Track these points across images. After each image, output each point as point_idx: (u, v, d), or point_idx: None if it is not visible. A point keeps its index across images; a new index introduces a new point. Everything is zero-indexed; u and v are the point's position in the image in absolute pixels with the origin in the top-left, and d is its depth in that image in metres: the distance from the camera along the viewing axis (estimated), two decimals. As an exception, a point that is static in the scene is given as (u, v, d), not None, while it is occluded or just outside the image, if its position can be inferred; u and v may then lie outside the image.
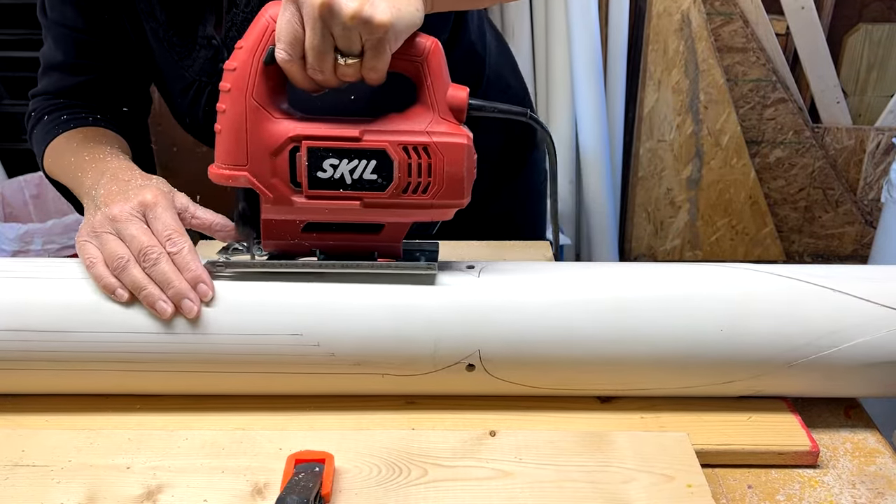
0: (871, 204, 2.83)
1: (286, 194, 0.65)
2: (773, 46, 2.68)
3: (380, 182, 0.64)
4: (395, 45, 0.61)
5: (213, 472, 0.61)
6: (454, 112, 0.65)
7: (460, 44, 0.97)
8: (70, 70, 0.91)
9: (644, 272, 0.69)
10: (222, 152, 0.64)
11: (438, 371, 0.67)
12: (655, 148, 2.80)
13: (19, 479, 0.60)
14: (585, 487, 0.59)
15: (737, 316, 0.66)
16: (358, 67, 0.62)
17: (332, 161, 0.64)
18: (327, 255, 0.68)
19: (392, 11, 0.59)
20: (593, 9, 2.54)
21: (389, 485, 0.59)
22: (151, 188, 0.70)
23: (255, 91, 0.62)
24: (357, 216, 0.66)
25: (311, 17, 0.58)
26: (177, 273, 0.65)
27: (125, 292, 0.65)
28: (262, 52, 0.62)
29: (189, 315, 0.65)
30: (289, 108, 0.66)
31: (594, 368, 0.67)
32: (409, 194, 0.65)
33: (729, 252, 2.91)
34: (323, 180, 0.64)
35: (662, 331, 0.66)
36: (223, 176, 0.65)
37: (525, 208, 1.16)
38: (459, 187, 0.65)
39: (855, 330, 0.65)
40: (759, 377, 0.67)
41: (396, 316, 0.66)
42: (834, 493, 0.62)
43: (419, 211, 0.66)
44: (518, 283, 0.68)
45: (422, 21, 0.63)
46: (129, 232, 0.66)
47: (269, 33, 0.62)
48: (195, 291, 0.65)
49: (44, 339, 0.65)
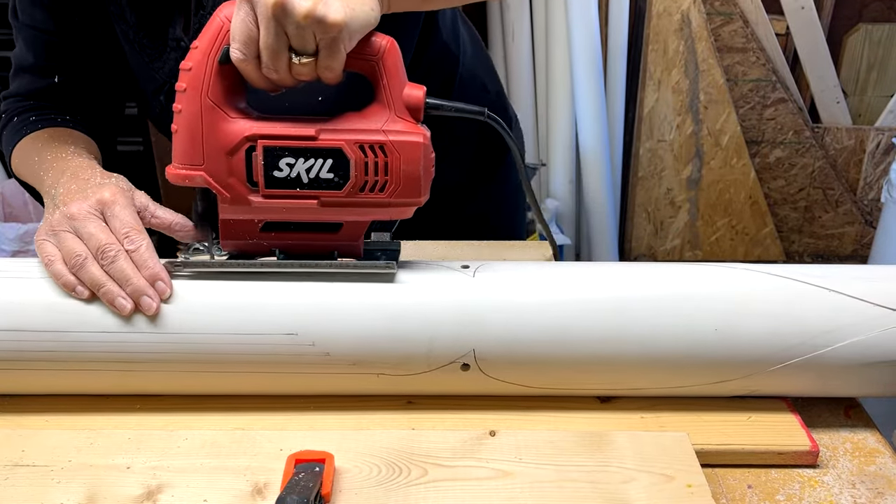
0: (870, 204, 2.83)
1: (243, 194, 0.65)
2: (773, 46, 2.68)
3: (336, 181, 0.64)
4: (349, 44, 0.62)
5: (213, 472, 0.61)
6: (411, 111, 0.65)
7: (433, 43, 0.97)
8: (40, 72, 0.91)
9: (638, 272, 0.69)
10: (179, 152, 0.65)
11: (433, 371, 0.67)
12: (655, 148, 2.80)
13: (19, 479, 0.60)
14: (585, 487, 0.59)
15: (731, 315, 0.66)
16: (313, 67, 0.62)
17: (288, 160, 0.64)
18: (287, 254, 0.68)
19: (346, 11, 0.59)
20: (593, 9, 2.54)
21: (389, 485, 0.59)
22: (110, 186, 0.70)
23: (210, 91, 0.63)
24: (314, 215, 0.66)
25: (264, 17, 0.59)
26: (135, 270, 0.65)
27: (85, 290, 0.65)
28: (217, 51, 0.62)
29: (148, 312, 0.65)
30: (246, 108, 0.66)
31: (589, 368, 0.67)
32: (366, 193, 0.65)
33: (729, 252, 2.91)
34: (279, 179, 0.64)
35: (657, 330, 0.66)
36: (179, 176, 0.65)
37: (503, 209, 1.16)
38: (416, 186, 0.65)
39: (849, 329, 0.65)
40: (753, 376, 0.67)
41: (391, 315, 0.66)
42: (834, 493, 0.62)
43: (377, 209, 0.66)
44: (512, 283, 0.68)
45: (377, 21, 0.64)
46: (88, 230, 0.66)
47: (224, 33, 0.62)
48: (153, 289, 0.65)
49: (38, 338, 0.65)
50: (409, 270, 0.70)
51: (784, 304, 0.66)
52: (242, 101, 0.66)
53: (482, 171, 1.09)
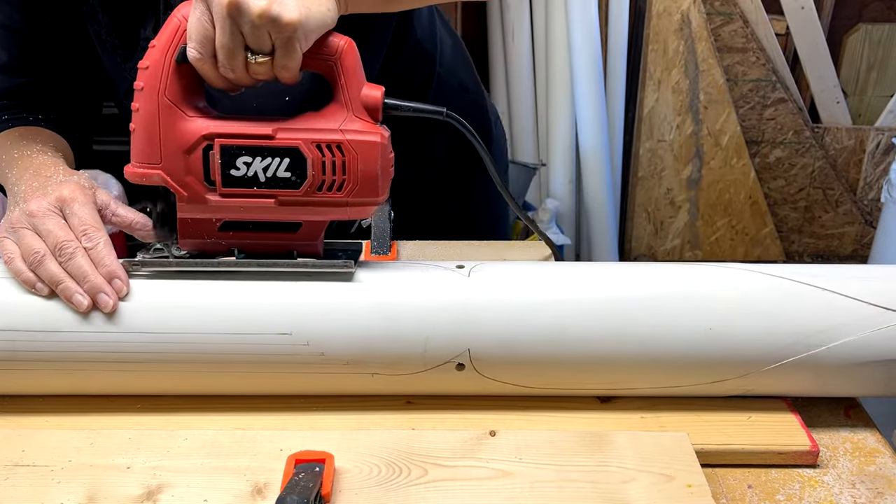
0: (870, 204, 2.83)
1: (200, 192, 0.65)
2: (773, 46, 2.68)
3: (294, 180, 0.64)
4: (305, 43, 0.62)
5: (213, 472, 0.61)
6: (369, 111, 0.65)
7: (409, 42, 0.97)
8: (13, 72, 0.91)
9: (633, 271, 0.69)
10: (136, 151, 0.65)
11: (428, 370, 0.67)
12: (655, 148, 2.80)
13: (19, 479, 0.60)
14: (585, 487, 0.59)
15: (726, 315, 0.66)
16: (269, 66, 0.62)
17: (245, 159, 0.64)
18: (246, 254, 0.68)
19: (301, 10, 0.60)
20: (593, 9, 2.54)
21: (389, 485, 0.59)
22: (70, 184, 0.70)
23: (167, 89, 0.63)
24: (272, 214, 0.66)
25: (220, 16, 0.59)
26: (92, 267, 0.66)
27: (45, 287, 0.66)
28: (174, 50, 0.63)
29: (105, 309, 0.65)
30: (205, 107, 0.66)
31: (584, 368, 0.67)
32: (323, 192, 0.65)
33: (729, 252, 2.91)
34: (237, 178, 0.64)
35: (651, 330, 0.66)
36: (137, 174, 0.65)
37: (484, 210, 1.15)
38: (374, 185, 0.65)
39: (843, 329, 0.65)
40: (749, 376, 0.67)
41: (386, 315, 0.66)
42: (834, 493, 0.62)
43: (335, 209, 0.66)
44: (507, 283, 0.68)
45: (335, 21, 0.64)
46: (46, 227, 0.67)
47: (181, 32, 0.62)
48: (111, 286, 0.65)
49: (30, 338, 0.65)
50: (372, 270, 0.69)
51: (779, 304, 0.66)
52: (201, 101, 0.66)
53: (460, 171, 1.09)
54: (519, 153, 2.73)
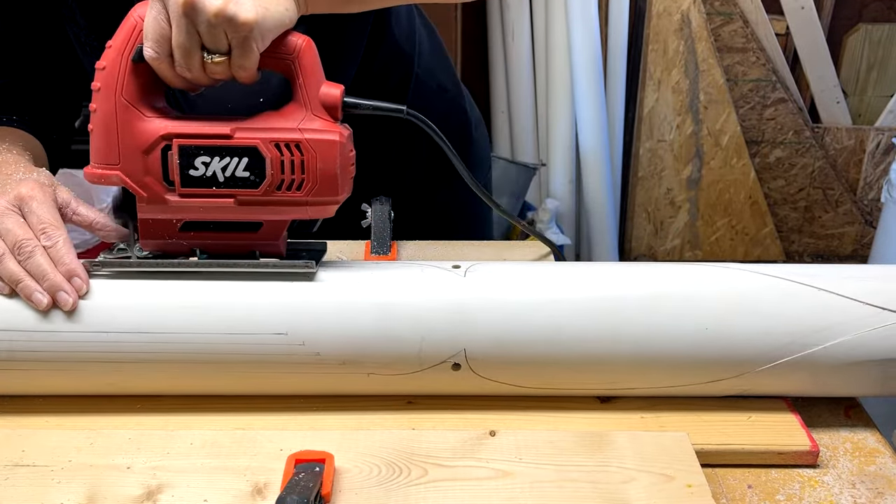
0: (871, 204, 2.83)
1: (160, 193, 0.65)
2: (773, 46, 2.68)
3: (253, 179, 0.64)
4: (262, 43, 0.62)
5: (213, 472, 0.61)
6: (328, 109, 0.65)
7: (386, 43, 0.97)
8: None
9: (629, 271, 0.69)
10: (95, 151, 0.65)
11: (424, 370, 0.67)
12: (655, 148, 2.80)
13: (19, 479, 0.60)
14: (585, 487, 0.59)
15: (721, 315, 0.66)
16: (227, 66, 0.62)
17: (203, 159, 0.64)
18: (209, 254, 0.68)
19: (258, 10, 0.60)
20: (593, 9, 2.54)
21: (389, 485, 0.59)
22: (29, 182, 0.70)
23: (124, 90, 0.63)
24: (232, 214, 0.66)
25: (176, 15, 0.59)
26: (52, 266, 0.66)
27: (5, 286, 0.66)
28: (131, 50, 0.63)
29: (64, 307, 0.65)
30: (164, 108, 0.66)
31: (580, 368, 0.67)
32: (282, 191, 0.65)
33: (729, 252, 2.91)
34: (195, 178, 0.64)
35: (647, 330, 0.66)
36: (95, 175, 0.65)
37: (465, 210, 1.15)
38: (334, 184, 0.65)
39: (839, 328, 0.65)
40: (744, 376, 0.67)
41: (382, 315, 0.66)
42: (834, 493, 0.62)
43: (295, 208, 0.66)
44: (502, 283, 0.68)
45: (293, 21, 0.64)
46: (5, 225, 0.67)
47: (138, 32, 0.62)
48: (70, 284, 0.65)
49: (29, 338, 0.65)
50: (331, 269, 0.69)
51: (775, 304, 0.66)
52: (160, 101, 0.66)
53: (438, 171, 1.09)
54: (519, 153, 2.73)
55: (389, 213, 0.95)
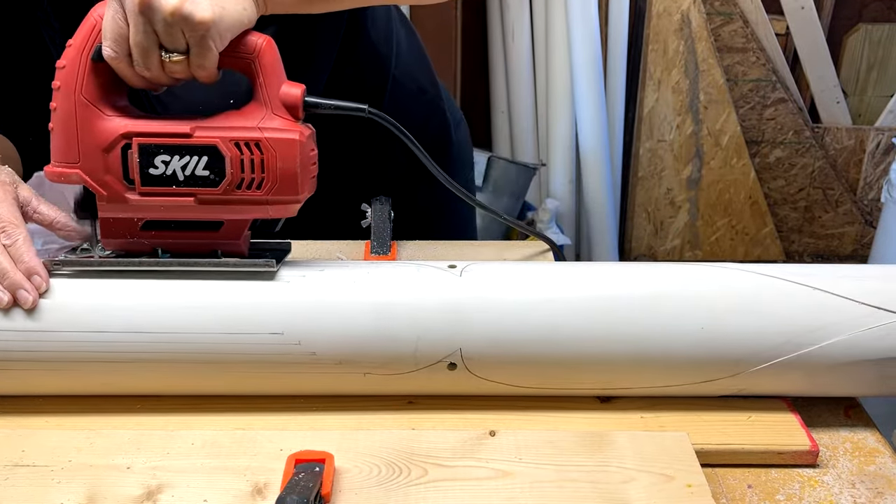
0: (870, 204, 2.83)
1: (120, 191, 0.65)
2: (773, 46, 2.68)
3: (212, 178, 0.64)
4: (220, 42, 0.62)
5: (213, 472, 0.61)
6: (289, 108, 0.66)
7: (361, 45, 0.97)
8: None
9: (625, 271, 0.69)
10: (55, 150, 0.65)
11: (420, 370, 0.67)
12: (655, 148, 2.80)
13: (19, 479, 0.60)
14: (585, 487, 0.59)
15: (717, 314, 0.66)
16: (185, 65, 0.62)
17: (163, 157, 0.64)
18: (171, 253, 0.68)
19: (214, 9, 0.60)
20: (593, 9, 2.54)
21: (389, 485, 0.59)
22: None
23: (84, 88, 0.63)
24: (192, 213, 0.66)
25: (132, 14, 0.60)
26: (12, 264, 0.65)
27: None
28: (90, 49, 0.63)
29: (25, 306, 0.65)
30: (125, 106, 0.66)
31: (576, 367, 0.67)
32: (242, 190, 0.65)
33: (729, 252, 2.91)
34: (155, 177, 0.64)
35: (643, 329, 0.66)
36: (56, 174, 0.65)
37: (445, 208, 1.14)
38: (293, 183, 0.65)
39: (834, 328, 0.65)
40: (740, 375, 0.67)
41: (378, 315, 0.66)
42: (834, 493, 0.62)
43: (255, 207, 0.66)
44: (498, 282, 0.68)
45: (252, 20, 0.64)
46: None
47: (97, 31, 0.63)
48: (30, 282, 0.65)
49: (25, 338, 0.65)
50: (299, 268, 0.69)
51: (770, 304, 0.66)
52: (122, 100, 0.66)
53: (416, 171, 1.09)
54: (519, 153, 2.73)
55: (389, 213, 0.95)
